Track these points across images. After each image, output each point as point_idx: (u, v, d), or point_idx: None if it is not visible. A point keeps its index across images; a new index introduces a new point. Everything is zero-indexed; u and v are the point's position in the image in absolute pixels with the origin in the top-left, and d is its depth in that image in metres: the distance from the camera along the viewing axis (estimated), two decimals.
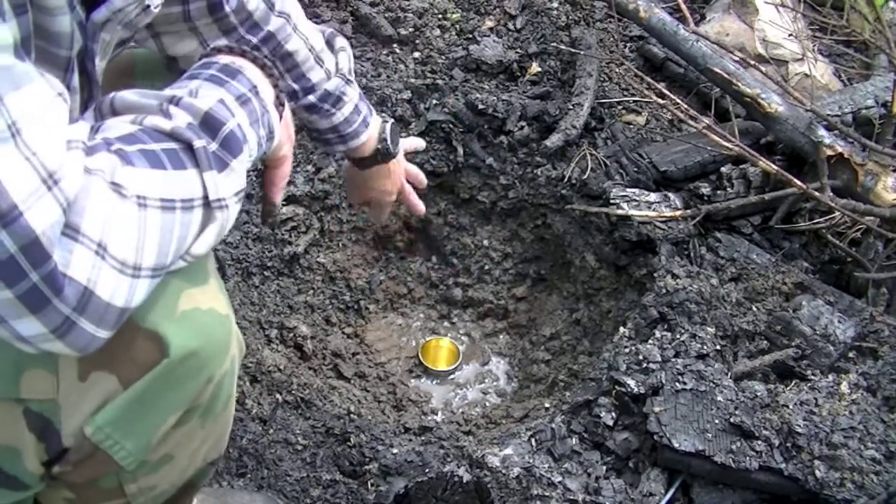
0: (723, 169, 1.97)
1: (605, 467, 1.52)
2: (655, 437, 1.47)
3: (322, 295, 2.10)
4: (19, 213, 0.65)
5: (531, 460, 1.52)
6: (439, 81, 2.17)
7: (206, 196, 0.81)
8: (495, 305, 2.20)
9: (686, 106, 1.96)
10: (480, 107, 2.12)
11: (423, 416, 1.90)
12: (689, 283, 1.74)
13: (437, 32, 2.31)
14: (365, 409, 1.84)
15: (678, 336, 1.64)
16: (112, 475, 0.93)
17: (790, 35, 2.16)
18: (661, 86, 2.04)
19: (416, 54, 2.26)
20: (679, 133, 2.12)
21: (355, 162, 1.47)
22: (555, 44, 2.27)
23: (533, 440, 1.56)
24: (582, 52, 2.20)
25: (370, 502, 1.47)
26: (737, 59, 1.99)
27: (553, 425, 1.58)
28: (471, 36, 2.31)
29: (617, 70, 2.26)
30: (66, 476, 0.91)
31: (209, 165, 0.81)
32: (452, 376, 2.07)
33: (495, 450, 1.55)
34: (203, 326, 0.87)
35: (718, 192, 1.94)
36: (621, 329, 1.75)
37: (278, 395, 1.69)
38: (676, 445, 1.45)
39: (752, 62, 1.92)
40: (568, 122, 2.05)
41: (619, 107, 2.19)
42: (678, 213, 1.87)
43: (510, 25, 2.35)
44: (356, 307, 2.15)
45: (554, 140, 2.03)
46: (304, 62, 1.27)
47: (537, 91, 2.19)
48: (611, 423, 1.56)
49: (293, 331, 1.95)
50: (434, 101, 2.14)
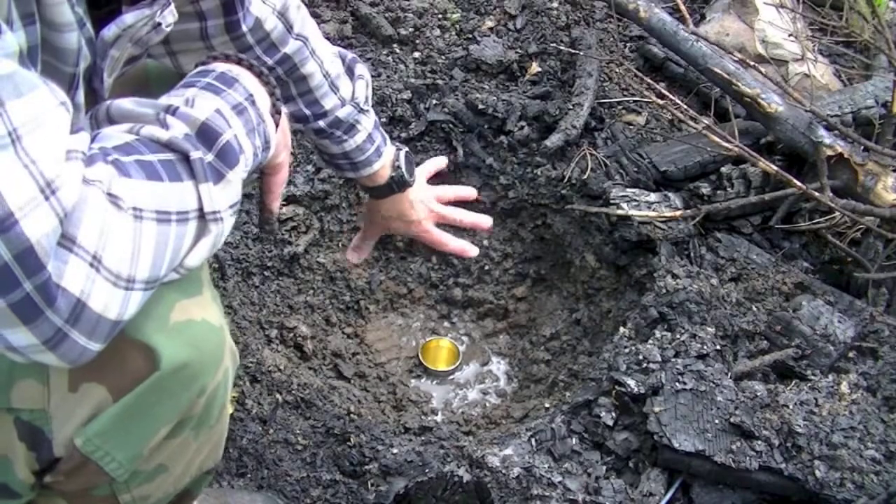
0: (723, 169, 1.97)
1: (605, 467, 1.52)
2: (655, 437, 1.47)
3: (322, 295, 2.10)
4: (15, 220, 0.64)
5: (531, 460, 1.52)
6: (439, 81, 2.17)
7: (201, 208, 0.80)
8: (495, 305, 2.20)
9: (686, 106, 1.96)
10: (480, 107, 2.12)
11: (423, 417, 1.90)
12: (689, 283, 1.74)
13: (437, 32, 2.31)
14: (365, 409, 1.84)
15: (678, 336, 1.64)
16: (105, 485, 0.92)
17: (790, 35, 2.16)
18: (661, 86, 2.04)
19: (416, 54, 2.26)
20: (679, 133, 2.12)
21: (370, 192, 1.46)
22: (555, 44, 2.27)
23: (533, 440, 1.56)
24: (582, 52, 2.20)
25: (370, 502, 1.47)
26: (737, 59, 1.99)
27: (553, 425, 1.58)
28: (471, 36, 2.31)
29: (617, 70, 2.26)
30: (59, 485, 0.91)
31: (205, 177, 0.80)
32: (452, 376, 2.07)
33: (495, 450, 1.55)
34: (195, 338, 0.86)
35: (718, 192, 1.94)
36: (621, 329, 1.75)
37: (278, 395, 1.69)
38: (676, 445, 1.45)
39: (752, 62, 1.92)
40: (568, 122, 2.05)
41: (619, 107, 2.19)
42: (678, 213, 1.87)
43: (510, 25, 2.35)
44: (356, 307, 2.15)
45: (554, 140, 2.03)
46: (318, 87, 1.26)
47: (537, 91, 2.19)
48: (611, 423, 1.56)
49: (293, 331, 1.95)
50: (434, 101, 2.14)
